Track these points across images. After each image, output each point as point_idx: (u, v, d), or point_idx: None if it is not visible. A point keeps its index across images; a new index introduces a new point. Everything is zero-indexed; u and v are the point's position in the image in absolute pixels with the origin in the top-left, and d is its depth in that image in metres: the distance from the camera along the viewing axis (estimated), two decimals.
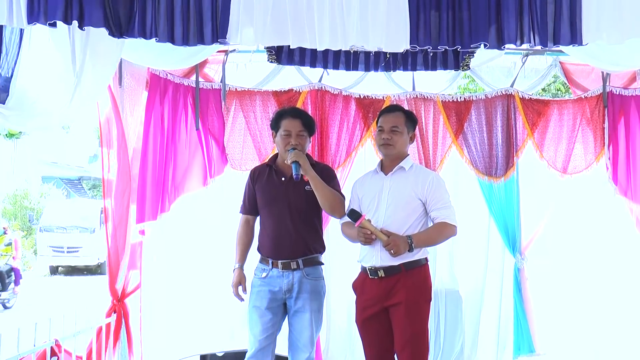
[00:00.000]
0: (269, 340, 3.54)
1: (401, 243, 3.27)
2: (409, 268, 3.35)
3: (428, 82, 4.82)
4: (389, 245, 3.27)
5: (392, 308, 3.36)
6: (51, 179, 22.42)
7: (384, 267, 3.36)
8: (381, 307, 3.39)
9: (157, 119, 4.30)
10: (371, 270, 3.42)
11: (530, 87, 4.83)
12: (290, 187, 3.58)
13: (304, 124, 3.59)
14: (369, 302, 3.43)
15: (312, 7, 2.93)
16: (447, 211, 3.40)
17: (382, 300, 3.38)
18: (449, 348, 4.65)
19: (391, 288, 3.35)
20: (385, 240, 3.28)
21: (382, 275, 3.37)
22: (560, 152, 4.69)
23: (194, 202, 4.50)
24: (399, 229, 3.35)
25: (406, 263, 3.34)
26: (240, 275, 3.66)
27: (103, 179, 4.07)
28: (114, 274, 4.10)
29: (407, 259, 3.33)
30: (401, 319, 3.32)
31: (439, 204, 3.40)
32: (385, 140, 3.48)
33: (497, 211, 4.65)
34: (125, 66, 3.97)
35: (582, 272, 4.63)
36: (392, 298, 3.35)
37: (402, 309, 3.32)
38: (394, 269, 3.34)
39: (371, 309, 3.42)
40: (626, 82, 4.72)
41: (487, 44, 3.01)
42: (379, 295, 3.38)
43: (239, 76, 4.74)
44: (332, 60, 4.35)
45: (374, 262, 3.39)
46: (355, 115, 4.65)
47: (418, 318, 3.34)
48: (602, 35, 2.96)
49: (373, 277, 3.41)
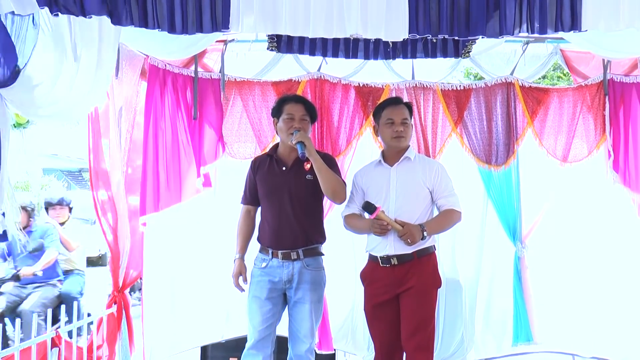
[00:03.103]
0: (269, 331, 3.55)
1: (416, 232, 3.36)
2: (420, 255, 3.44)
3: (427, 71, 4.80)
4: (405, 235, 3.34)
5: (403, 293, 3.43)
6: (52, 171, 22.39)
7: (397, 255, 3.43)
8: (394, 294, 3.46)
9: (158, 110, 4.29)
10: (383, 259, 3.47)
11: (530, 75, 4.80)
12: (291, 177, 3.57)
13: (307, 109, 3.61)
14: (381, 290, 3.49)
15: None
16: (453, 198, 3.53)
17: (395, 288, 3.45)
18: (449, 337, 4.65)
19: (403, 275, 3.43)
20: (401, 231, 3.35)
21: (395, 263, 3.44)
22: (560, 141, 4.67)
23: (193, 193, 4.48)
24: (410, 218, 3.43)
25: (418, 251, 3.43)
26: (240, 266, 3.66)
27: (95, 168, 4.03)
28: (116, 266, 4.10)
29: (419, 246, 3.42)
30: (411, 304, 3.40)
31: (445, 192, 3.52)
32: (398, 133, 3.54)
33: (497, 199, 4.64)
34: (122, 56, 3.95)
35: (582, 260, 4.62)
36: (404, 284, 3.42)
37: (412, 294, 3.40)
38: (407, 256, 3.43)
39: (383, 296, 3.48)
40: (627, 69, 4.69)
41: (487, 34, 3.00)
42: (392, 282, 3.45)
43: (238, 66, 4.72)
44: (331, 48, 4.35)
45: (388, 250, 3.45)
46: (355, 103, 4.64)
47: (427, 304, 3.43)
48: (600, 24, 2.98)
49: (385, 265, 3.46)
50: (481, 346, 4.72)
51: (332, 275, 3.82)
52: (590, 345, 4.59)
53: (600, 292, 4.58)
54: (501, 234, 4.67)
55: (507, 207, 4.64)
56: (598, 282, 4.59)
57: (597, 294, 4.59)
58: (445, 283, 4.64)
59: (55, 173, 22.52)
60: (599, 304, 4.57)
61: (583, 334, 4.61)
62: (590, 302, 4.60)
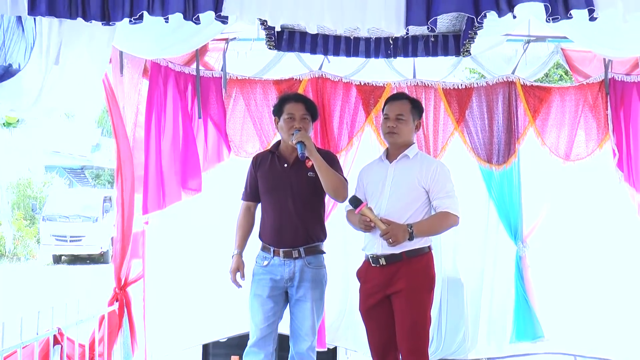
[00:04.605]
0: (271, 329, 3.56)
1: (400, 232, 3.26)
2: (410, 256, 3.35)
3: (429, 70, 4.80)
4: (387, 235, 3.26)
5: (394, 296, 3.37)
6: (54, 168, 22.45)
7: (385, 255, 3.36)
8: (383, 295, 3.40)
9: (159, 108, 4.30)
10: (373, 258, 3.43)
11: (532, 74, 4.80)
12: (292, 174, 3.58)
13: (307, 108, 3.61)
14: (372, 290, 3.44)
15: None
16: (449, 201, 3.39)
17: (383, 288, 3.39)
18: (451, 336, 4.65)
19: (392, 276, 3.36)
20: (383, 229, 3.28)
21: (383, 263, 3.38)
22: (562, 139, 4.66)
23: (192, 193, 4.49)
24: (401, 217, 3.35)
25: (408, 251, 3.34)
26: (238, 262, 3.67)
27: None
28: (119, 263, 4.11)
29: (408, 247, 3.33)
30: (402, 307, 3.33)
31: (441, 193, 3.40)
32: (390, 129, 3.49)
33: (498, 198, 4.64)
34: (125, 54, 3.95)
35: (584, 259, 4.61)
36: (393, 286, 3.36)
37: (403, 297, 3.33)
38: (395, 256, 3.35)
39: (374, 297, 3.43)
40: (628, 68, 4.68)
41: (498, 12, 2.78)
42: (381, 283, 3.39)
43: (239, 64, 4.72)
44: (332, 47, 4.32)
45: (376, 250, 3.40)
46: (356, 102, 4.64)
47: (419, 307, 3.34)
48: (618, 4, 2.77)
49: (375, 265, 3.42)
50: (482, 345, 4.72)
51: (333, 272, 3.83)
52: (592, 345, 4.58)
53: (602, 292, 4.57)
54: (502, 233, 4.67)
55: (508, 206, 4.63)
56: (600, 281, 4.58)
57: (599, 294, 4.57)
58: (446, 282, 4.66)
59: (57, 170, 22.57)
60: (601, 304, 4.56)
61: (585, 334, 4.59)
62: (592, 301, 4.58)
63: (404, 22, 2.88)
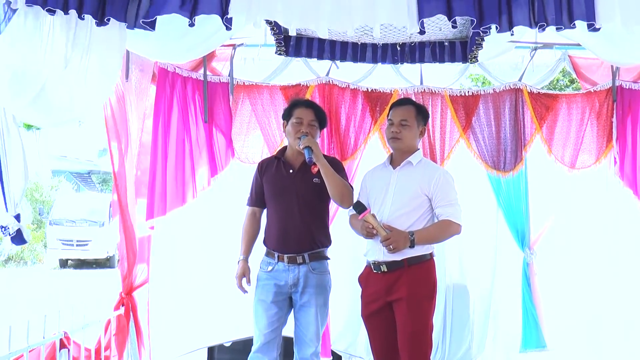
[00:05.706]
0: (275, 334, 3.56)
1: (401, 239, 3.26)
2: (412, 263, 3.34)
3: (436, 76, 4.80)
4: (387, 242, 3.25)
5: (395, 303, 3.36)
6: (61, 172, 22.52)
7: (387, 262, 3.36)
8: (384, 302, 3.39)
9: (167, 113, 4.31)
10: (375, 265, 3.42)
11: (539, 81, 4.80)
12: (298, 179, 3.58)
13: (316, 114, 3.62)
14: (372, 297, 3.44)
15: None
16: (452, 209, 3.37)
17: (384, 295, 3.38)
18: (457, 343, 4.63)
19: (393, 283, 3.35)
20: (383, 236, 3.27)
21: (384, 270, 3.37)
22: (568, 147, 4.65)
23: (201, 195, 4.50)
24: (403, 224, 3.34)
25: (409, 258, 3.33)
26: (244, 267, 3.67)
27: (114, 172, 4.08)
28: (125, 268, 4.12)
29: (410, 254, 3.32)
30: (403, 315, 3.32)
31: (444, 202, 3.38)
32: (394, 134, 3.48)
33: (505, 205, 4.63)
34: (132, 59, 3.97)
35: (591, 267, 4.59)
36: (394, 293, 3.35)
37: (403, 305, 3.31)
38: (396, 263, 3.34)
39: (375, 304, 3.42)
40: (636, 76, 4.67)
41: (499, 27, 2.87)
42: (382, 289, 3.39)
43: (246, 71, 4.74)
44: (339, 52, 4.30)
45: (377, 256, 3.39)
46: (363, 108, 4.64)
47: (419, 315, 3.32)
48: (616, 17, 2.82)
49: (376, 271, 3.41)
50: (489, 353, 4.70)
51: (339, 278, 3.82)
52: (599, 353, 4.56)
53: (610, 298, 4.55)
54: (509, 239, 4.65)
55: (515, 213, 4.62)
56: (607, 288, 4.56)
57: (606, 301, 4.56)
58: (452, 289, 4.65)
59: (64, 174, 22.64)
60: (609, 310, 4.54)
61: (592, 342, 4.58)
62: (600, 308, 4.57)
63: (417, 16, 2.85)
